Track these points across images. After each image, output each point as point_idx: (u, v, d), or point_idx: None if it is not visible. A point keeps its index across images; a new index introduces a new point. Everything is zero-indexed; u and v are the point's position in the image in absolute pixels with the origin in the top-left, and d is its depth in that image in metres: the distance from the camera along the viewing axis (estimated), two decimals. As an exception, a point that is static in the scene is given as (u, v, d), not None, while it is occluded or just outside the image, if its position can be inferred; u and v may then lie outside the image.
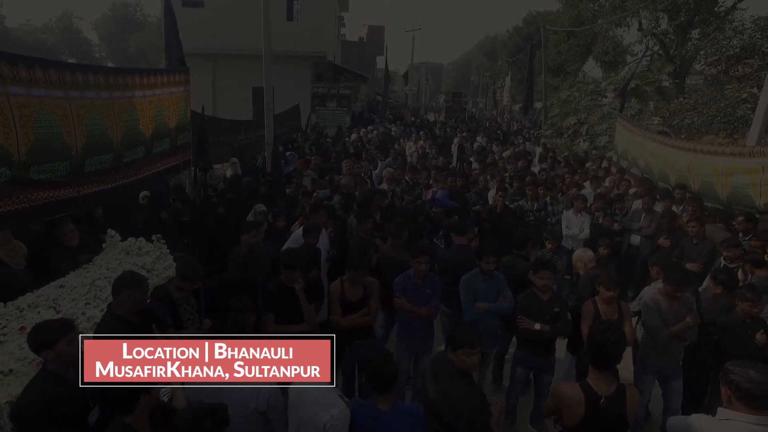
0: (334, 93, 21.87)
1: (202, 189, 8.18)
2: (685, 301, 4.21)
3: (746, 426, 2.38)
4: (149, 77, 6.31)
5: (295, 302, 4.05)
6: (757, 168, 5.86)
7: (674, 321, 4.12)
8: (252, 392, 2.49)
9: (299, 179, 8.37)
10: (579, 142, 13.82)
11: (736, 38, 13.34)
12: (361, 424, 2.69)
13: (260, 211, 6.15)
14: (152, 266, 4.83)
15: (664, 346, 4.20)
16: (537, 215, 7.36)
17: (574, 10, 24.29)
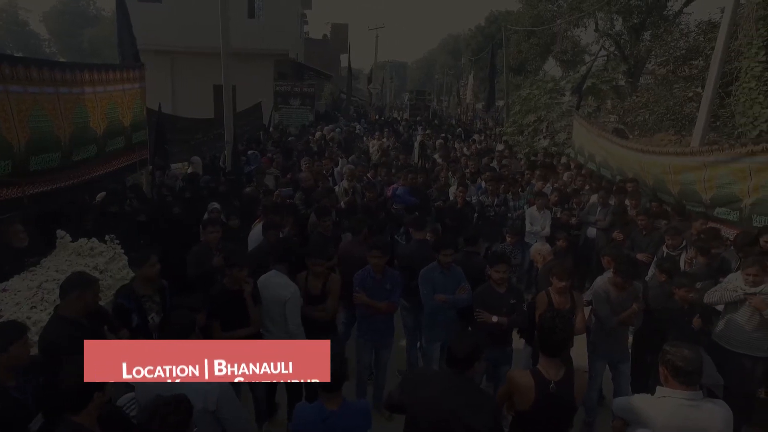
0: (298, 91, 21.65)
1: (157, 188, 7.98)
2: (633, 290, 4.41)
3: (680, 401, 2.53)
4: (100, 73, 6.10)
5: (240, 305, 3.96)
6: (699, 166, 6.17)
7: (622, 309, 4.31)
8: (200, 392, 2.45)
9: (261, 178, 8.29)
10: (539, 139, 14.16)
11: (682, 40, 13.97)
12: (311, 426, 2.69)
13: (213, 209, 6.05)
14: (105, 267, 4.69)
15: (613, 332, 4.38)
16: (497, 210, 7.52)
17: (534, 10, 24.88)
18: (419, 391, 2.73)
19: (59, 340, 3.13)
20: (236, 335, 3.91)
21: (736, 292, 4.38)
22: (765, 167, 5.28)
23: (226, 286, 4.03)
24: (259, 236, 5.47)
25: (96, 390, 2.31)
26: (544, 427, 2.85)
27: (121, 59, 7.32)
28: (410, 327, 5.20)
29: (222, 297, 3.96)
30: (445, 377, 2.74)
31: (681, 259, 5.62)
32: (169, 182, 8.37)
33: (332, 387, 2.68)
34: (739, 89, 9.55)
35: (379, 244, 4.47)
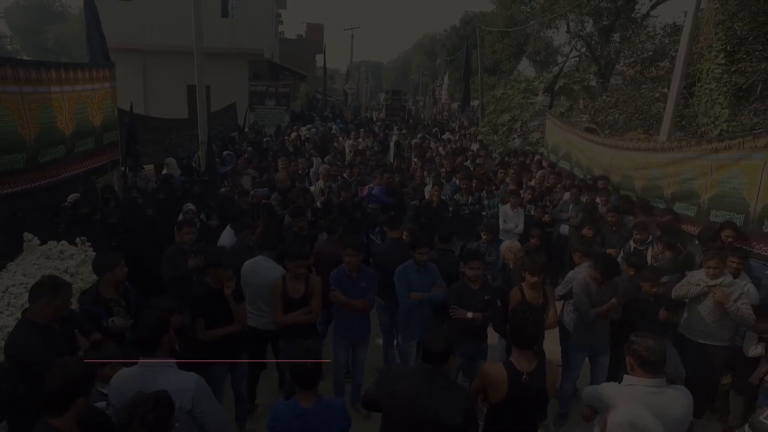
0: (273, 91, 21.52)
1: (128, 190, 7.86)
2: (612, 284, 4.53)
3: (645, 389, 2.63)
4: (68, 72, 5.97)
5: (223, 304, 3.99)
6: (668, 162, 6.38)
7: (602, 302, 4.43)
8: (175, 391, 2.44)
9: (237, 178, 8.23)
10: (513, 138, 14.39)
11: (649, 42, 14.36)
12: (285, 423, 2.70)
13: (188, 210, 5.99)
14: (76, 270, 4.60)
15: (593, 325, 4.49)
16: (472, 209, 7.62)
17: (507, 11, 25.28)
18: (394, 387, 2.77)
19: (28, 345, 3.07)
20: (221, 333, 3.96)
21: (699, 286, 4.56)
22: (725, 164, 5.49)
23: (209, 285, 4.04)
24: (230, 237, 5.44)
25: (80, 395, 2.28)
26: (518, 418, 2.93)
27: (90, 58, 7.17)
28: (386, 325, 5.24)
29: (206, 296, 3.98)
30: (420, 373, 2.78)
31: (648, 254, 5.80)
32: (141, 184, 8.24)
33: (307, 384, 2.69)
34: (700, 90, 9.88)
35: (353, 243, 4.50)
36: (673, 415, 2.59)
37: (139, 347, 2.80)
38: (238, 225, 5.31)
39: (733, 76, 9.08)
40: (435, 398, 2.65)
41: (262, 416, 4.58)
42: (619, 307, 4.45)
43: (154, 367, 2.73)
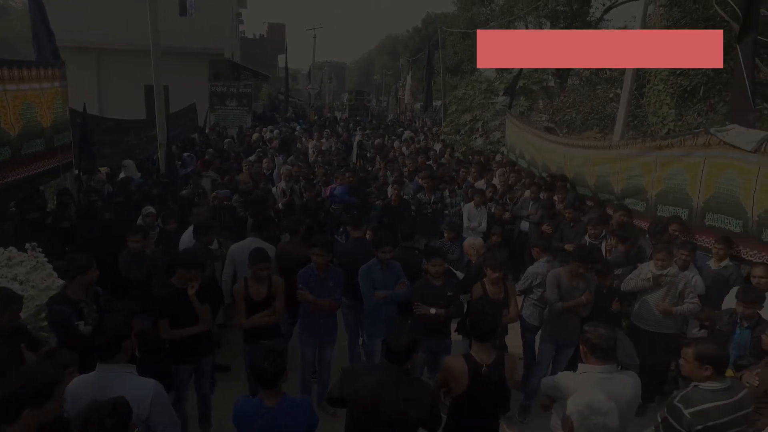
0: (234, 92, 21.17)
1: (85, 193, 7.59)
2: (587, 280, 4.61)
3: (598, 375, 2.78)
4: (11, 69, 5.68)
5: (188, 304, 3.95)
6: (615, 159, 6.66)
7: (571, 297, 4.54)
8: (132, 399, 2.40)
9: (197, 180, 8.08)
10: (475, 138, 14.65)
11: (603, 44, 14.86)
12: (249, 422, 2.70)
13: (148, 214, 5.85)
14: (27, 277, 4.40)
15: (564, 318, 4.61)
16: (434, 207, 7.73)
17: (468, 13, 25.73)
18: (358, 384, 2.80)
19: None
20: (185, 333, 3.93)
21: (648, 279, 4.79)
22: (669, 161, 5.78)
23: (174, 285, 3.99)
24: (190, 240, 5.35)
25: (28, 406, 2.20)
26: (479, 409, 3.01)
27: (36, 56, 6.87)
28: (351, 324, 5.27)
29: (170, 295, 3.94)
30: (384, 370, 2.82)
31: (603, 248, 6.03)
32: (97, 186, 7.98)
33: (270, 383, 2.69)
34: (650, 91, 10.36)
35: (320, 242, 4.53)
36: (624, 398, 2.73)
37: (98, 353, 2.73)
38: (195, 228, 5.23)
39: (679, 78, 9.55)
40: (398, 394, 2.70)
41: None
42: (589, 304, 4.52)
43: (111, 373, 2.67)
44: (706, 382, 2.66)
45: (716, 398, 2.61)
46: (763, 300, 4.04)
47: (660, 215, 5.89)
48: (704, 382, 2.67)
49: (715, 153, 5.20)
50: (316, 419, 2.91)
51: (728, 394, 2.63)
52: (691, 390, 2.71)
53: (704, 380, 2.67)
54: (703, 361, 2.66)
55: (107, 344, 2.70)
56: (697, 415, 2.57)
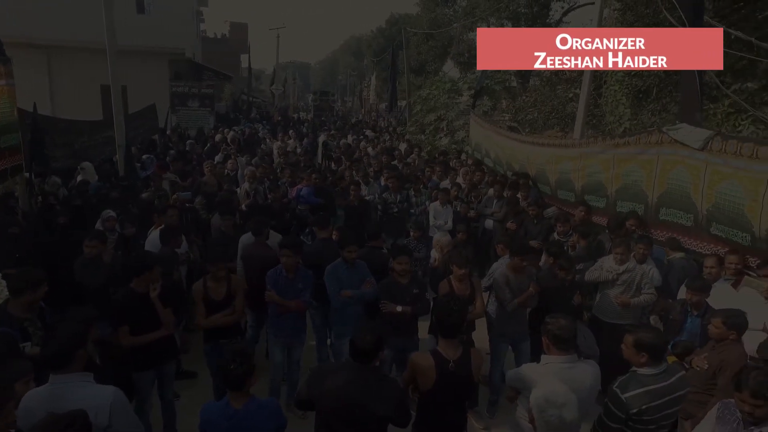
0: (196, 92, 20.73)
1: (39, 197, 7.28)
2: (529, 273, 4.81)
3: (560, 365, 2.87)
4: (-48, 67, 5.42)
5: (149, 309, 3.86)
6: (576, 156, 6.85)
7: (521, 291, 4.69)
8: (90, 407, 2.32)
9: (157, 182, 7.86)
10: (440, 137, 14.80)
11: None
12: (216, 425, 2.66)
13: (108, 218, 5.67)
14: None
15: (513, 313, 4.74)
16: (400, 207, 7.77)
17: (432, 14, 25.97)
18: (325, 384, 2.80)
19: None
20: (146, 339, 3.83)
21: (610, 272, 4.96)
22: (626, 158, 6.00)
23: (134, 289, 3.88)
24: (155, 243, 5.22)
25: None
26: (447, 404, 3.05)
27: (-21, 52, 6.54)
28: (318, 325, 5.26)
29: (130, 301, 3.83)
30: (350, 369, 2.82)
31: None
32: (51, 190, 7.66)
33: (237, 385, 2.65)
34: (607, 91, 10.71)
35: (290, 243, 4.51)
36: (584, 385, 2.84)
37: (50, 364, 2.62)
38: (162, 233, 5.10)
39: (633, 79, 9.90)
40: (365, 392, 2.71)
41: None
42: (536, 295, 4.72)
43: (66, 383, 2.58)
44: (642, 368, 2.81)
45: (651, 382, 2.76)
46: (709, 288, 4.29)
47: (619, 211, 6.10)
48: (641, 367, 2.82)
49: (667, 151, 5.42)
50: (285, 421, 2.89)
51: (663, 378, 2.79)
52: (629, 375, 2.86)
53: (641, 366, 2.82)
54: (640, 348, 2.80)
55: (59, 354, 2.60)
56: (632, 399, 2.72)
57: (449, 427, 3.13)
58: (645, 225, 5.74)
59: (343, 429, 2.76)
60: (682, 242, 5.44)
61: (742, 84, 7.91)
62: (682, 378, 2.90)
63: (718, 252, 4.77)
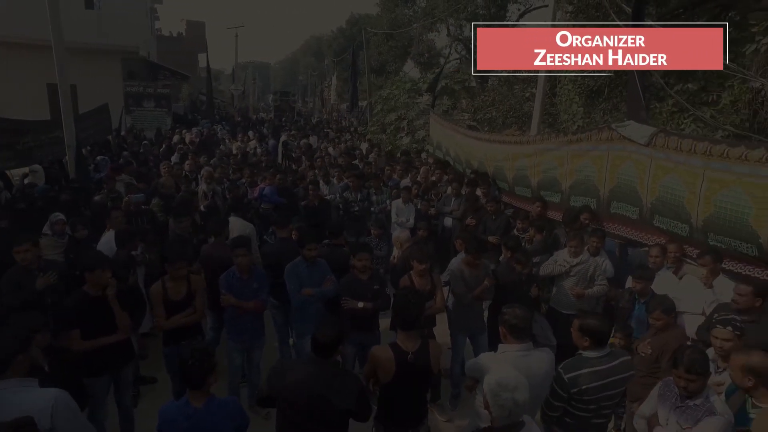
0: (151, 92, 20.18)
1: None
2: (484, 268, 4.92)
3: (515, 353, 2.98)
4: None
5: (104, 311, 3.74)
6: (531, 153, 7.05)
7: (476, 285, 4.79)
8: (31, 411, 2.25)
9: (111, 185, 7.61)
10: (401, 136, 14.92)
11: (519, 46, 15.66)
12: (175, 424, 2.62)
13: (57, 221, 5.46)
14: None
15: (469, 307, 4.85)
16: (361, 205, 7.80)
17: (391, 14, 26.13)
18: (286, 380, 2.80)
19: None
20: (100, 343, 3.71)
21: (563, 266, 5.15)
22: (578, 154, 6.21)
23: (87, 292, 3.76)
24: (108, 246, 5.06)
25: None
26: (407, 395, 3.10)
27: None
28: (280, 324, 5.24)
29: (82, 304, 3.70)
30: (310, 364, 2.84)
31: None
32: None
33: (196, 383, 2.62)
34: (561, 91, 11.06)
35: (242, 243, 4.45)
36: (539, 372, 2.95)
37: None
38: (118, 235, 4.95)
39: (586, 79, 10.25)
40: (326, 385, 2.72)
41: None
42: (491, 288, 4.84)
43: (4, 390, 2.49)
44: (586, 351, 3.01)
45: (592, 365, 2.95)
46: (652, 277, 4.54)
47: (573, 205, 6.31)
48: (585, 350, 3.01)
49: (617, 146, 5.65)
50: (246, 419, 2.87)
51: (605, 361, 2.98)
52: (574, 358, 3.06)
53: (585, 349, 3.02)
54: (584, 332, 3.00)
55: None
56: (573, 380, 2.91)
57: (410, 419, 3.18)
58: (598, 218, 5.97)
59: (305, 423, 2.77)
60: (629, 234, 5.71)
61: (684, 85, 8.31)
62: (625, 362, 3.06)
63: (661, 243, 5.02)
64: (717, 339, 3.27)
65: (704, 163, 4.52)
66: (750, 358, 2.72)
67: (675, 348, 3.21)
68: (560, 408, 2.98)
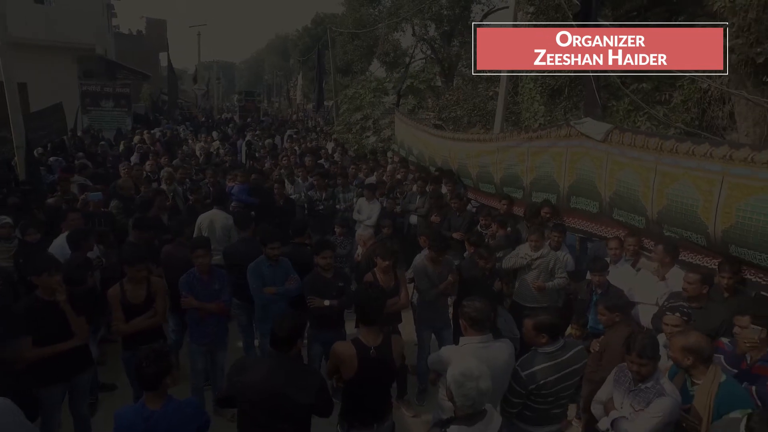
0: (110, 91, 19.58)
1: None
2: (447, 263, 4.97)
3: (476, 345, 3.03)
4: None
5: (58, 316, 3.60)
6: (493, 150, 7.17)
7: (440, 281, 4.83)
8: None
9: (65, 186, 7.32)
10: (367, 136, 14.94)
11: (482, 46, 15.91)
12: (133, 428, 2.56)
13: (3, 224, 5.23)
14: None
15: (434, 303, 4.89)
16: (326, 204, 7.77)
17: (357, 13, 26.03)
18: (245, 377, 2.77)
19: None
20: (54, 350, 3.56)
21: (525, 259, 5.25)
22: (539, 151, 6.36)
23: (39, 296, 3.61)
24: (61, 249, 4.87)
25: None
26: (371, 389, 3.10)
27: None
28: (245, 325, 5.16)
29: (33, 310, 3.54)
30: (270, 360, 2.82)
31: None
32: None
33: (152, 385, 2.56)
34: (523, 90, 11.29)
35: (202, 243, 4.36)
36: (499, 363, 3.00)
37: None
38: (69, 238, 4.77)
39: (546, 78, 10.50)
40: (285, 381, 2.70)
41: None
42: (455, 283, 4.89)
43: None
44: (543, 347, 3.05)
45: (547, 360, 3.02)
46: (607, 268, 4.70)
47: (534, 201, 6.45)
48: (542, 347, 3.06)
49: (575, 143, 5.81)
50: (207, 421, 2.82)
51: (560, 354, 3.05)
52: (530, 354, 3.11)
53: (543, 346, 3.06)
54: (539, 330, 3.05)
55: None
56: (530, 376, 2.98)
57: (375, 414, 3.18)
58: (558, 213, 6.13)
59: (266, 420, 2.74)
60: (590, 228, 5.87)
61: (639, 85, 8.62)
62: (579, 351, 3.16)
63: (620, 235, 5.19)
64: (667, 325, 3.41)
65: (656, 158, 4.70)
66: (688, 340, 2.90)
67: (614, 345, 3.34)
68: (519, 404, 3.04)
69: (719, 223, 4.13)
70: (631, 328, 3.82)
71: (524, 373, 2.97)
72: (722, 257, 4.22)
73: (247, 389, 2.73)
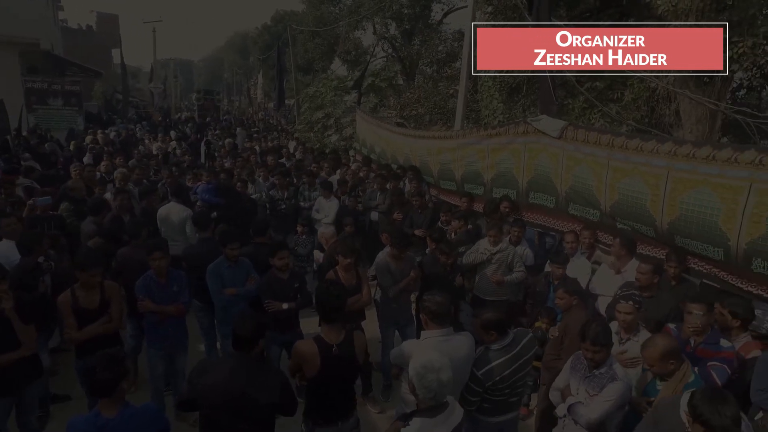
0: (58, 89, 18.69)
1: None
2: (409, 260, 5.00)
3: (437, 339, 3.06)
4: None
5: (3, 326, 3.44)
6: (454, 147, 7.27)
7: (402, 277, 4.87)
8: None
9: (9, 189, 6.96)
10: (329, 134, 14.87)
11: (442, 45, 16.12)
12: None
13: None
14: None
15: (397, 299, 4.92)
16: (288, 203, 7.70)
17: (317, 11, 25.83)
18: (207, 379, 2.72)
19: None
20: (2, 361, 3.41)
21: (484, 254, 5.36)
22: (498, 148, 6.49)
23: None
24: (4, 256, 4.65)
25: None
26: (334, 387, 3.10)
27: None
28: (206, 327, 5.07)
29: None
30: (231, 360, 2.78)
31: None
32: None
33: (106, 391, 2.47)
34: (482, 88, 11.49)
35: (159, 245, 4.25)
36: (460, 355, 3.05)
37: None
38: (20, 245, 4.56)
39: (505, 76, 10.71)
40: (247, 381, 2.67)
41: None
42: (417, 280, 4.93)
43: None
44: (493, 344, 3.11)
45: (501, 355, 3.08)
46: (567, 261, 4.85)
47: (495, 197, 6.58)
48: (492, 344, 3.12)
49: (532, 139, 5.96)
50: (167, 426, 2.75)
51: (510, 348, 3.12)
52: (482, 353, 3.15)
53: (492, 342, 3.12)
54: (487, 328, 3.11)
55: None
56: (486, 374, 3.04)
57: (339, 411, 3.17)
58: (517, 208, 6.27)
59: (229, 422, 2.70)
60: (547, 223, 6.04)
61: (593, 83, 8.91)
62: (530, 340, 3.26)
63: (575, 229, 5.36)
64: (620, 313, 3.55)
65: (608, 154, 4.89)
66: (660, 345, 2.93)
67: (574, 328, 3.44)
68: (477, 402, 3.10)
69: (665, 215, 4.33)
70: (587, 312, 3.96)
71: (480, 373, 3.02)
72: (669, 248, 4.43)
73: (209, 391, 2.68)
